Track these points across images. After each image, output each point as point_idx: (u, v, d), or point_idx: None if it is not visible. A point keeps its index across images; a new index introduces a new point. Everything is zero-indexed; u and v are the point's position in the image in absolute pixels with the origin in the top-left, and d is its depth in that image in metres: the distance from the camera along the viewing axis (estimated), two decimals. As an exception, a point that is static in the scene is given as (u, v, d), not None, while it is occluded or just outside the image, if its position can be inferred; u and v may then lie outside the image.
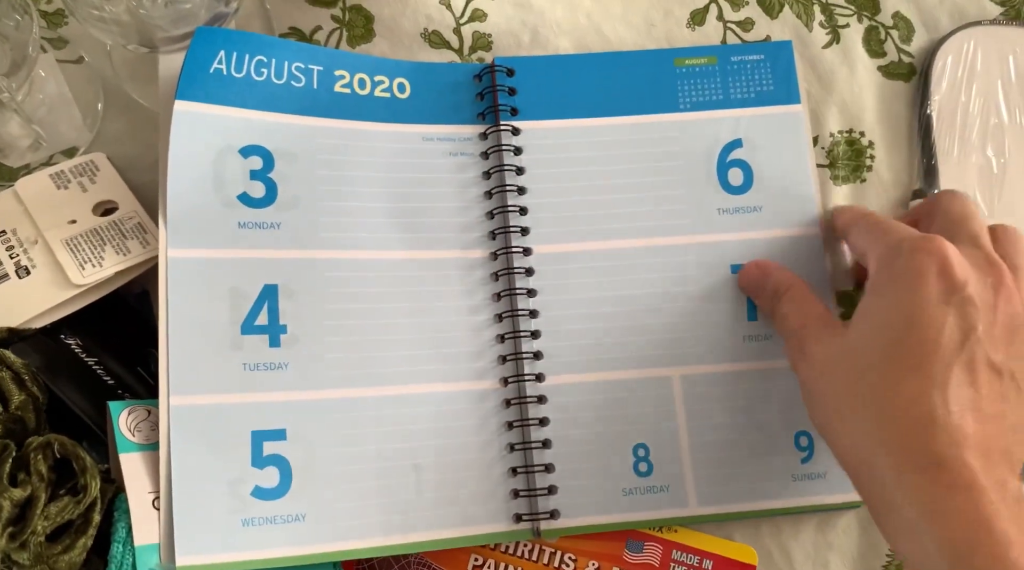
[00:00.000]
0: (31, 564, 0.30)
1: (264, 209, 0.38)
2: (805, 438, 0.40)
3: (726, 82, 0.43)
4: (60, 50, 0.43)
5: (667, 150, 0.42)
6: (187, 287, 0.37)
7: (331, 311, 0.38)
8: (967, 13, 0.47)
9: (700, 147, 0.42)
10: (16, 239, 0.38)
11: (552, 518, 0.38)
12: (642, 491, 0.39)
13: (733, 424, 0.40)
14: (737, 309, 0.41)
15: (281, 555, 0.35)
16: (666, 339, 0.40)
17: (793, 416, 0.40)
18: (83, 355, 0.37)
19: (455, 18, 0.45)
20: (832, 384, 0.34)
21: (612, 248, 0.41)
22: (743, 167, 0.42)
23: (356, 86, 0.40)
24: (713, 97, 0.43)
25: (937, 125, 0.45)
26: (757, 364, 0.40)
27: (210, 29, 0.38)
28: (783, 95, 0.44)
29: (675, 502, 0.39)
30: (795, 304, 0.38)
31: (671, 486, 0.39)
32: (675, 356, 0.40)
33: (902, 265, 0.33)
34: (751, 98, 0.43)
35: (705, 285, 0.41)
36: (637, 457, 0.39)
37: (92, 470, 0.31)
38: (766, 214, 0.42)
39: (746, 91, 0.43)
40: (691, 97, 0.43)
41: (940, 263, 0.32)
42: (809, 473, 0.40)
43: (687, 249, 0.41)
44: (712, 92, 0.43)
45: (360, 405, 0.38)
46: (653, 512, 0.39)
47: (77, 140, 0.42)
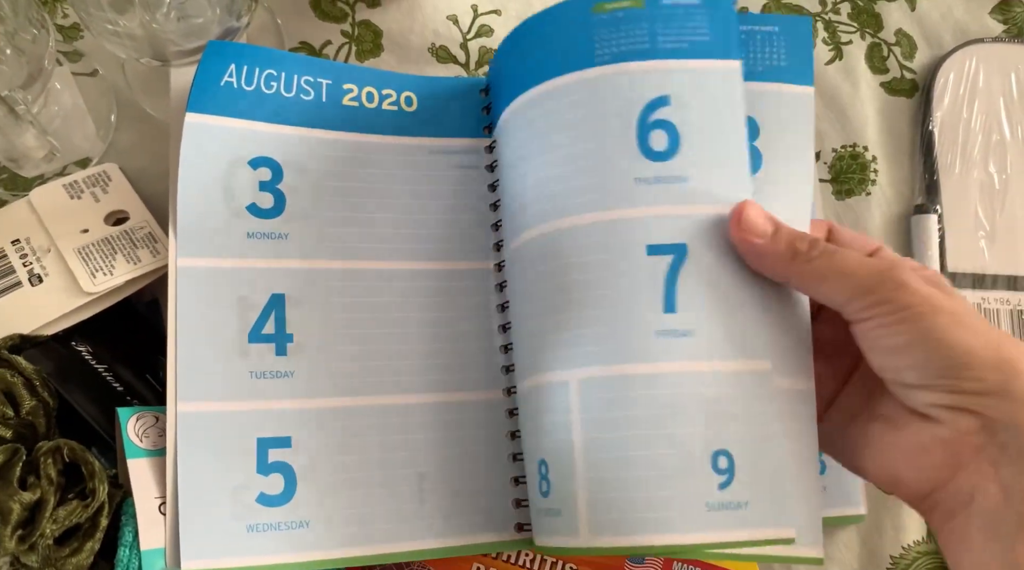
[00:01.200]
0: (39, 566, 0.30)
1: (272, 220, 0.39)
2: (725, 458, 0.31)
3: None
4: (75, 63, 0.44)
5: None
6: (196, 296, 0.37)
7: (337, 320, 0.39)
8: (969, 31, 0.48)
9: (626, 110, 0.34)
10: (30, 248, 0.39)
11: None
12: (544, 513, 0.34)
13: (637, 438, 0.32)
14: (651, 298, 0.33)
15: (285, 561, 0.35)
16: (566, 338, 0.34)
17: (713, 431, 0.31)
18: (93, 362, 0.37)
19: (462, 34, 0.46)
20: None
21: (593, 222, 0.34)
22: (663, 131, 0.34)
23: (364, 99, 0.41)
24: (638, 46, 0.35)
25: (939, 141, 0.45)
26: (670, 365, 0.32)
27: (221, 43, 0.39)
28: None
29: (566, 529, 0.33)
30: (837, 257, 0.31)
31: (563, 510, 0.33)
32: (575, 356, 0.33)
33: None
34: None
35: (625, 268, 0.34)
36: (540, 474, 0.34)
37: (100, 475, 0.32)
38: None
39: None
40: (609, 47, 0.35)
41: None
42: (728, 502, 0.31)
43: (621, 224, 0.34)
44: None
45: (365, 413, 0.38)
46: (549, 538, 0.34)
47: (90, 151, 0.43)
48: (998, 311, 0.44)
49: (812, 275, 0.31)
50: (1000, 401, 0.28)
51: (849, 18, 0.47)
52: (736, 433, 0.32)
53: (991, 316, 0.43)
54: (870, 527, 0.41)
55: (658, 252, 0.33)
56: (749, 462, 0.31)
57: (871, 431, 0.32)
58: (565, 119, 0.35)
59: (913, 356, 0.29)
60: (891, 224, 0.45)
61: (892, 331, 0.29)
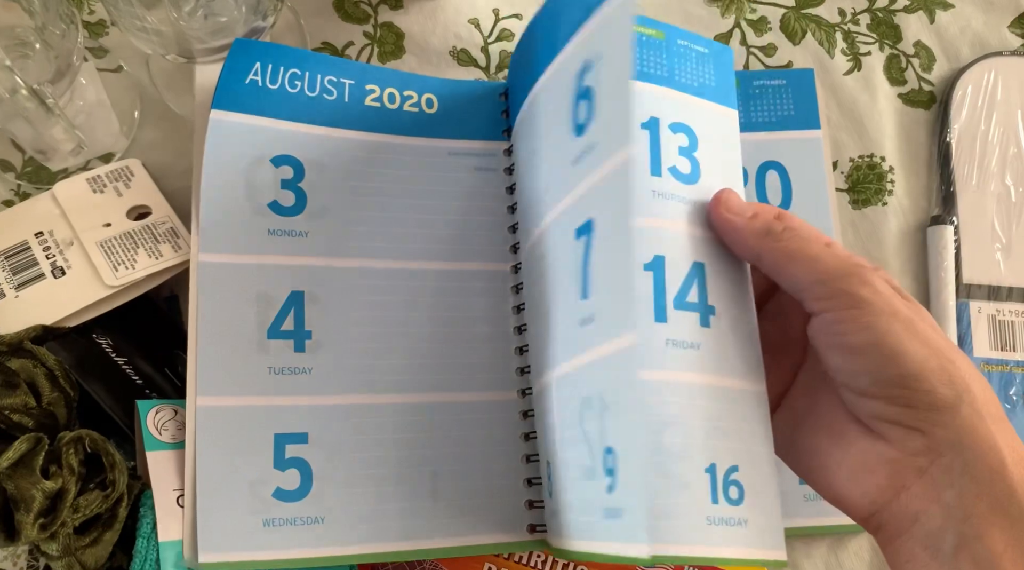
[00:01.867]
0: (59, 555, 0.31)
1: (293, 217, 0.39)
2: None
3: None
4: (100, 59, 0.45)
5: None
6: (216, 291, 0.37)
7: (355, 318, 0.39)
8: (988, 44, 0.48)
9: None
10: (53, 240, 0.39)
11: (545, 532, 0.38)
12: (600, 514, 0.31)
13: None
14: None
15: (300, 556, 0.36)
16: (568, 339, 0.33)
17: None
18: (113, 355, 0.38)
19: (483, 37, 0.46)
20: None
21: None
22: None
23: (386, 100, 0.41)
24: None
25: (956, 153, 0.45)
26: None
27: (247, 41, 0.39)
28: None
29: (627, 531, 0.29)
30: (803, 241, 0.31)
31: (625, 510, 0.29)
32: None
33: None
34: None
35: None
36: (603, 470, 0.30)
37: (120, 466, 0.32)
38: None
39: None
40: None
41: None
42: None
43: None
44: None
45: (381, 411, 0.38)
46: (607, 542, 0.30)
47: (114, 146, 0.43)
48: (1013, 323, 0.44)
49: (782, 253, 0.31)
50: (950, 418, 0.27)
51: (868, 29, 0.48)
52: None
53: (1006, 328, 0.44)
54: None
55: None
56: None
57: (817, 444, 0.31)
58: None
59: (869, 359, 0.29)
60: (907, 235, 0.45)
61: (851, 327, 0.29)
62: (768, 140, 0.44)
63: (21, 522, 0.30)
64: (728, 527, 0.30)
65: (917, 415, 0.28)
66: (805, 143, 0.44)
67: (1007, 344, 0.43)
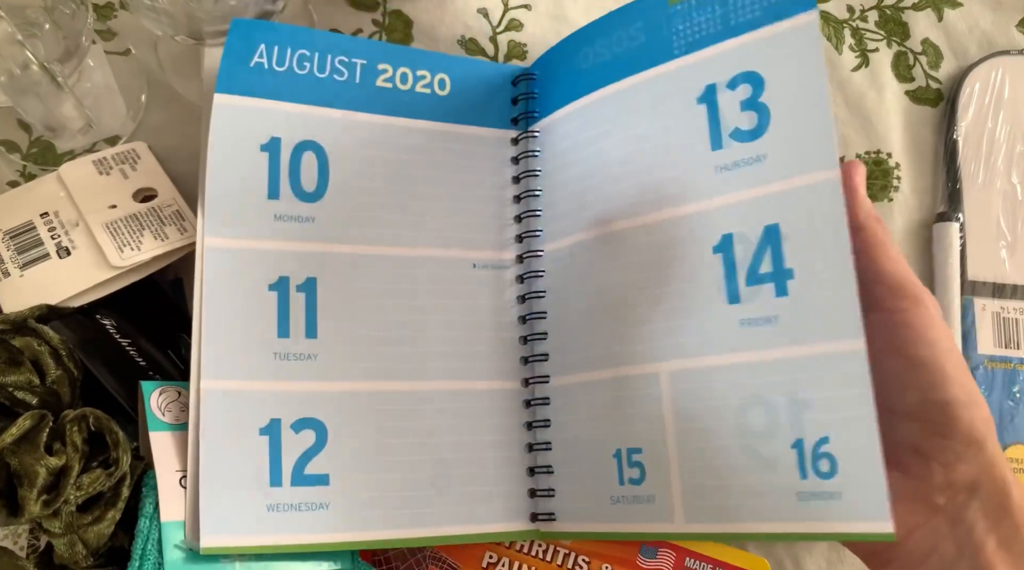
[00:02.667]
0: (62, 533, 0.30)
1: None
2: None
3: (725, 8, 0.35)
4: (108, 42, 0.44)
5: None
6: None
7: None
8: (996, 42, 0.48)
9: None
10: (58, 221, 0.39)
11: (551, 520, 0.38)
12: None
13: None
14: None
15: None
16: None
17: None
18: (117, 336, 0.38)
19: (492, 27, 0.46)
20: None
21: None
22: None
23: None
24: (711, 30, 0.35)
25: (963, 150, 0.46)
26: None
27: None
28: (794, 4, 0.34)
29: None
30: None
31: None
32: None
33: None
34: (756, 18, 0.34)
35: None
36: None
37: (124, 445, 0.32)
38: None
39: (749, 12, 0.35)
40: (686, 37, 0.36)
41: None
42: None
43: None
44: (709, 25, 0.35)
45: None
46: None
47: (120, 129, 0.43)
48: (1017, 320, 0.44)
49: (879, 239, 0.32)
50: (976, 454, 0.28)
51: (876, 26, 0.48)
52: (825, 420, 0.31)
53: (1010, 325, 0.44)
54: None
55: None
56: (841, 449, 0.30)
57: None
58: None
59: (925, 375, 0.29)
60: (913, 231, 0.45)
61: (920, 337, 0.29)
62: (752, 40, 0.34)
63: (24, 498, 0.30)
64: (821, 502, 0.30)
65: (949, 446, 0.28)
66: (796, 33, 0.34)
67: (1011, 341, 0.43)
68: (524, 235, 0.41)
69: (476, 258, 0.41)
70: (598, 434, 0.37)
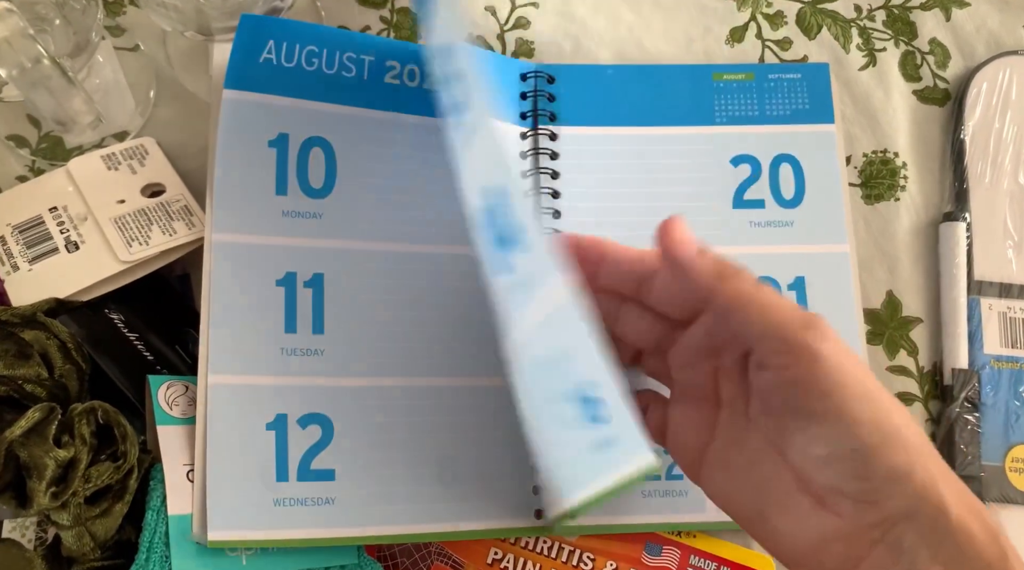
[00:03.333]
0: (70, 525, 0.31)
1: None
2: None
3: (762, 99, 0.44)
4: (117, 38, 0.45)
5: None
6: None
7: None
8: (1003, 42, 0.48)
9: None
10: (67, 216, 0.39)
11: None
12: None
13: None
14: None
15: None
16: None
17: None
18: (125, 330, 0.38)
19: (499, 25, 0.46)
20: None
21: None
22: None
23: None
24: (749, 113, 0.44)
25: (970, 150, 0.46)
26: None
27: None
28: (818, 114, 0.44)
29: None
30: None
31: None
32: None
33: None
34: (786, 116, 0.44)
35: None
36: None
37: (132, 438, 0.32)
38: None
39: (782, 109, 0.44)
40: (727, 111, 0.44)
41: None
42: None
43: None
44: (748, 108, 0.44)
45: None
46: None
47: (129, 125, 0.43)
48: (1023, 321, 0.44)
49: (737, 297, 0.29)
50: (903, 487, 0.27)
51: (884, 26, 0.48)
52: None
53: (1017, 325, 0.44)
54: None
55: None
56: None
57: (766, 513, 0.30)
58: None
59: (828, 429, 0.27)
60: (919, 230, 0.45)
61: (813, 393, 0.27)
62: (782, 133, 0.44)
63: (33, 489, 0.30)
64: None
65: (872, 487, 0.27)
66: (819, 137, 0.44)
67: (1017, 341, 0.43)
68: (530, 232, 0.41)
69: None
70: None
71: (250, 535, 0.35)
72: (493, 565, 0.39)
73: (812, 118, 0.44)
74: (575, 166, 0.42)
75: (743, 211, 0.43)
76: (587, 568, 0.39)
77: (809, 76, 0.45)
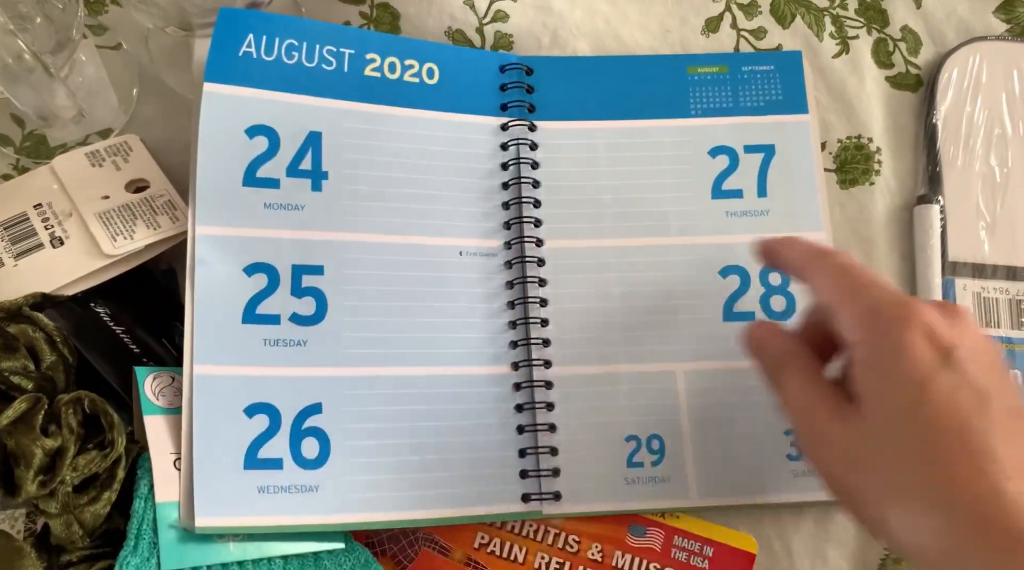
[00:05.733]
0: (59, 513, 0.31)
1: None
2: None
3: (736, 91, 0.45)
4: (99, 36, 0.45)
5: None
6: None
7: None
8: (973, 28, 0.49)
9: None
10: (52, 212, 0.40)
11: (555, 500, 0.39)
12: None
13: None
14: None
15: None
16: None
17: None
18: (111, 323, 0.38)
19: (478, 18, 0.47)
20: (867, 476, 0.31)
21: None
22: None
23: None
24: (723, 105, 0.45)
25: (942, 134, 0.46)
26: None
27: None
28: (792, 105, 0.45)
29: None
30: (801, 377, 0.34)
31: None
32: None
33: (890, 340, 0.31)
34: (760, 107, 0.45)
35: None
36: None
37: (119, 427, 0.33)
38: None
39: (755, 100, 0.45)
40: (702, 104, 0.45)
41: (927, 332, 0.30)
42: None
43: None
44: (723, 100, 0.45)
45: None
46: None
47: (112, 122, 0.44)
48: (997, 300, 0.44)
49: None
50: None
51: (856, 14, 0.48)
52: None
53: (990, 305, 0.44)
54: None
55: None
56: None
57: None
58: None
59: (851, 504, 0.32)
60: (894, 213, 0.46)
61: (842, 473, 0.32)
62: (757, 124, 0.44)
63: (21, 478, 0.30)
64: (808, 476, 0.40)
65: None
66: (793, 127, 0.45)
67: (991, 320, 0.44)
68: (513, 221, 0.42)
69: (463, 245, 0.42)
70: (610, 420, 0.40)
71: (236, 521, 0.35)
72: (480, 549, 0.40)
73: (786, 109, 0.45)
74: (554, 159, 0.43)
75: (721, 201, 0.43)
76: (572, 551, 0.40)
77: (782, 66, 0.46)
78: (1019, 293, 0.45)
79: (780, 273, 0.42)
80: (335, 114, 0.41)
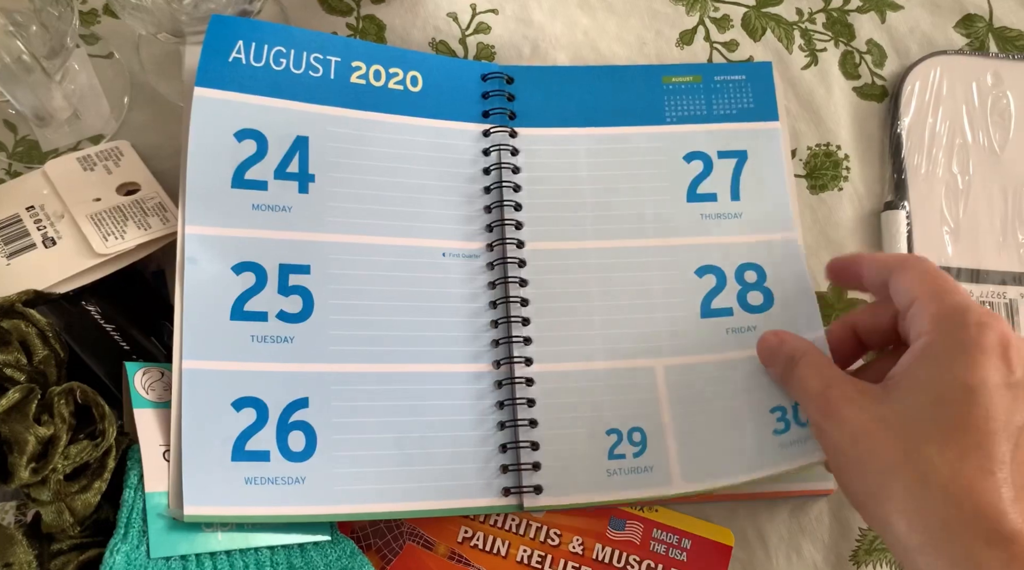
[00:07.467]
0: (50, 500, 0.32)
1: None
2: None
3: (710, 99, 0.47)
4: (92, 45, 0.46)
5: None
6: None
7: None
8: (935, 42, 0.51)
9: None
10: (44, 213, 0.40)
11: (536, 493, 0.40)
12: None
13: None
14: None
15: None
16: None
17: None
18: (102, 321, 0.39)
19: (461, 30, 0.48)
20: (875, 452, 0.32)
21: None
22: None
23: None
24: (697, 112, 0.46)
25: (907, 143, 0.48)
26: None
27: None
28: (763, 112, 0.47)
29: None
30: (814, 367, 0.36)
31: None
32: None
33: (966, 338, 0.32)
34: (732, 114, 0.46)
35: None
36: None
37: (110, 417, 0.33)
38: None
39: (728, 108, 0.47)
40: (677, 111, 0.46)
41: (1003, 344, 0.31)
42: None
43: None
44: (696, 107, 0.47)
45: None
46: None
47: (104, 129, 0.45)
48: (961, 300, 0.46)
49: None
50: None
51: (824, 27, 0.51)
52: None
53: (954, 304, 0.46)
54: (840, 500, 0.43)
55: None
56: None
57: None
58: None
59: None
60: (862, 219, 0.48)
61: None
62: (730, 130, 0.46)
63: (14, 464, 0.31)
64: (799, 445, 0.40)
65: None
66: (764, 133, 0.46)
67: (956, 320, 0.46)
68: (495, 224, 0.43)
69: (446, 247, 0.43)
70: (591, 415, 0.41)
71: (224, 511, 0.36)
72: (463, 543, 0.41)
73: (757, 116, 0.46)
74: (535, 164, 0.44)
75: (696, 204, 0.45)
76: (554, 544, 0.41)
77: (753, 76, 0.47)
78: (983, 295, 0.46)
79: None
80: (322, 119, 0.42)
